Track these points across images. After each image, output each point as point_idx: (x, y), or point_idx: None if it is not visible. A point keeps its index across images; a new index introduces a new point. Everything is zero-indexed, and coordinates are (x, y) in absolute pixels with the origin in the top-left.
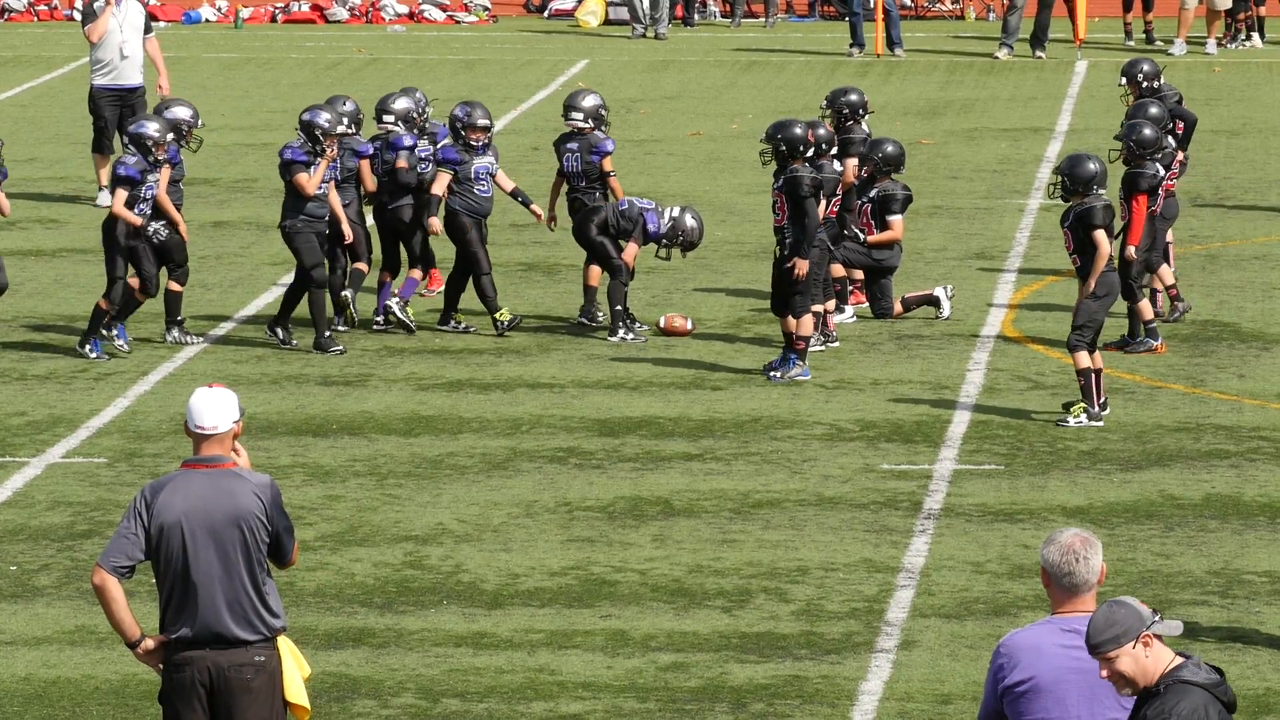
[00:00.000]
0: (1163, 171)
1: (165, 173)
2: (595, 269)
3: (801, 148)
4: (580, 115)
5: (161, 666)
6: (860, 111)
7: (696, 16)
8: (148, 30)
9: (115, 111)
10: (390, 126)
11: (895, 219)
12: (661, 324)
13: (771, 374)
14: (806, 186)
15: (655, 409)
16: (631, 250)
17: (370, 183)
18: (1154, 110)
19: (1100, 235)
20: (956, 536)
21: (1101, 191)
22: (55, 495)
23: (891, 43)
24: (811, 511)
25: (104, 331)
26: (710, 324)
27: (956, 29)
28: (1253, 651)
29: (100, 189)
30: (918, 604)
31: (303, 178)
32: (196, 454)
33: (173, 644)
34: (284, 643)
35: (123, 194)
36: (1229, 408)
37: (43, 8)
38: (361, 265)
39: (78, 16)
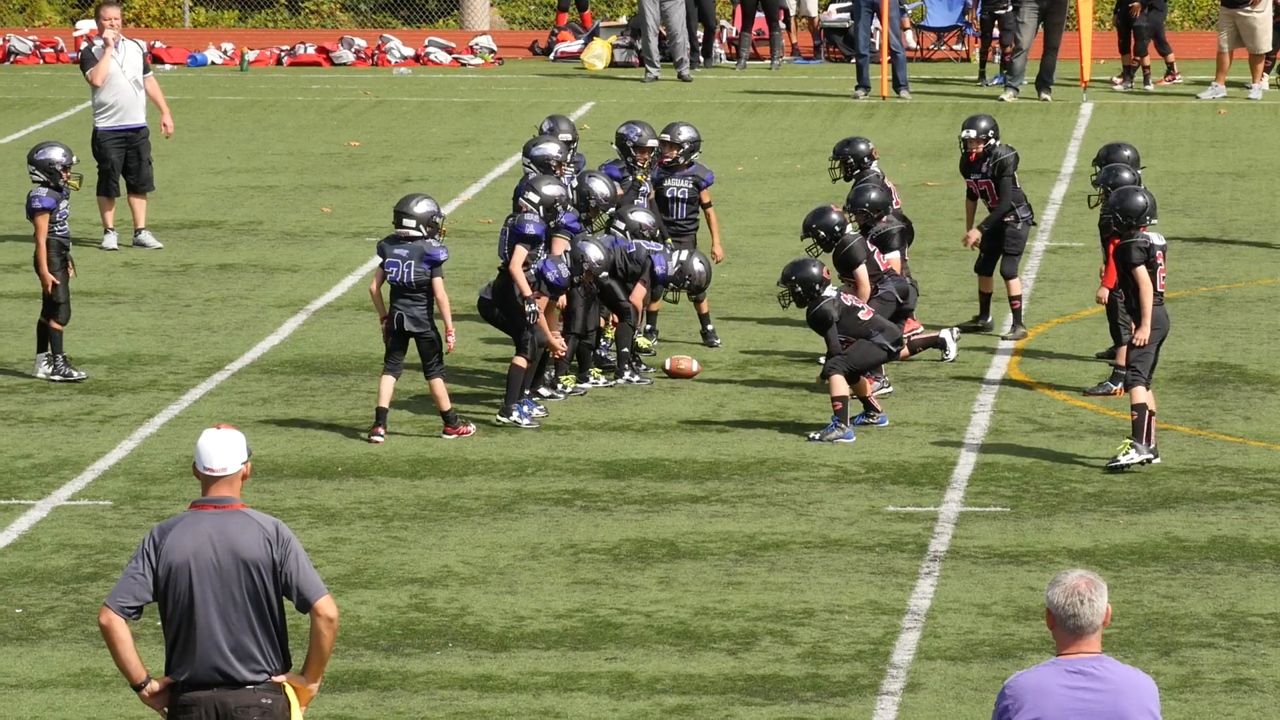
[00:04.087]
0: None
1: (43, 220)
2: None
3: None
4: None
5: (166, 710)
6: (866, 160)
7: (702, 59)
8: (147, 70)
9: (120, 153)
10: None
11: (892, 256)
12: (668, 366)
13: (811, 436)
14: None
15: (661, 451)
16: (639, 293)
17: None
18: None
19: (1140, 273)
20: (962, 579)
21: (1154, 221)
22: (61, 538)
23: (897, 85)
24: (817, 554)
25: None
26: (716, 366)
27: (962, 71)
28: (1259, 694)
29: (106, 231)
30: (923, 646)
31: None
32: (205, 495)
33: (179, 686)
34: (287, 686)
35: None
36: (1235, 450)
37: (48, 50)
38: None
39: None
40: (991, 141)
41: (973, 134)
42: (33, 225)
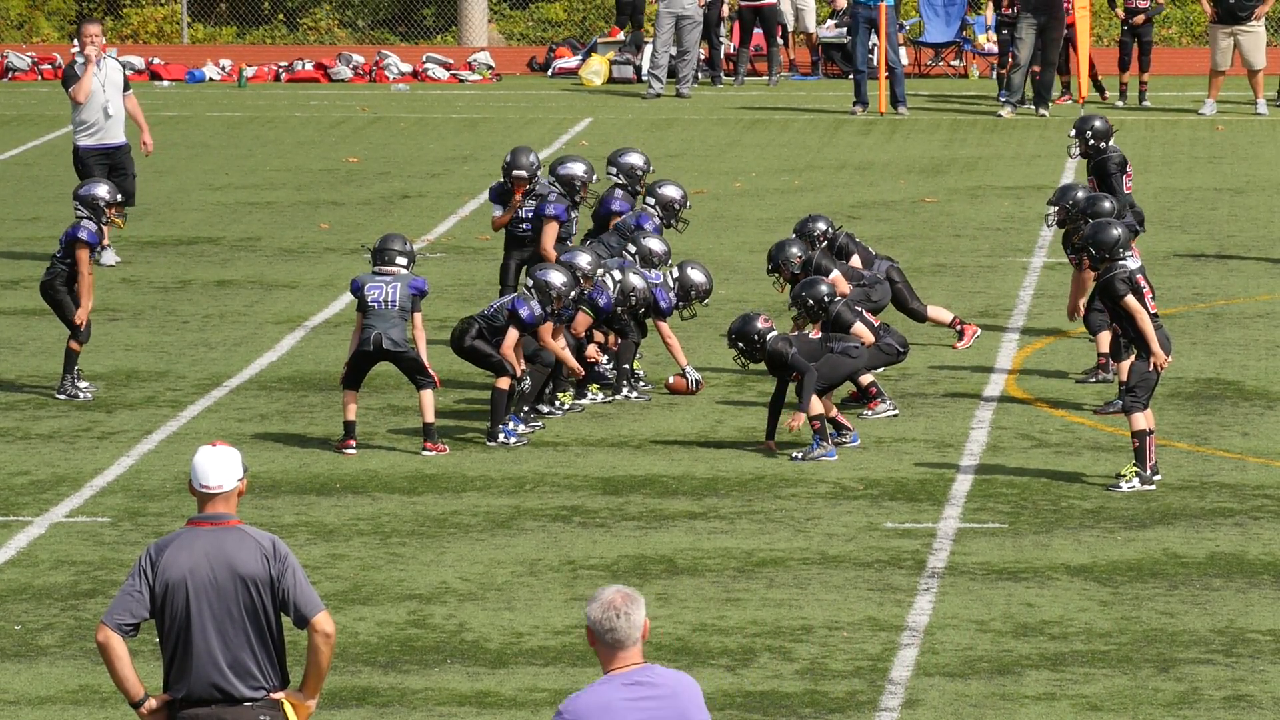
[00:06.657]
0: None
1: (85, 253)
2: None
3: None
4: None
5: None
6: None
7: (702, 75)
8: (127, 88)
9: (103, 171)
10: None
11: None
12: (671, 382)
13: (793, 456)
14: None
15: (659, 467)
16: (665, 330)
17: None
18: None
19: (1130, 303)
20: (960, 595)
21: (1128, 254)
22: (59, 554)
23: (895, 101)
24: (815, 570)
25: None
26: (714, 382)
27: (962, 87)
28: (1257, 711)
29: (104, 249)
30: (922, 663)
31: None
32: (202, 512)
33: (177, 703)
34: (285, 703)
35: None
36: (1233, 466)
37: (46, 67)
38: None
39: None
40: (1095, 144)
41: (1070, 145)
42: (73, 258)
